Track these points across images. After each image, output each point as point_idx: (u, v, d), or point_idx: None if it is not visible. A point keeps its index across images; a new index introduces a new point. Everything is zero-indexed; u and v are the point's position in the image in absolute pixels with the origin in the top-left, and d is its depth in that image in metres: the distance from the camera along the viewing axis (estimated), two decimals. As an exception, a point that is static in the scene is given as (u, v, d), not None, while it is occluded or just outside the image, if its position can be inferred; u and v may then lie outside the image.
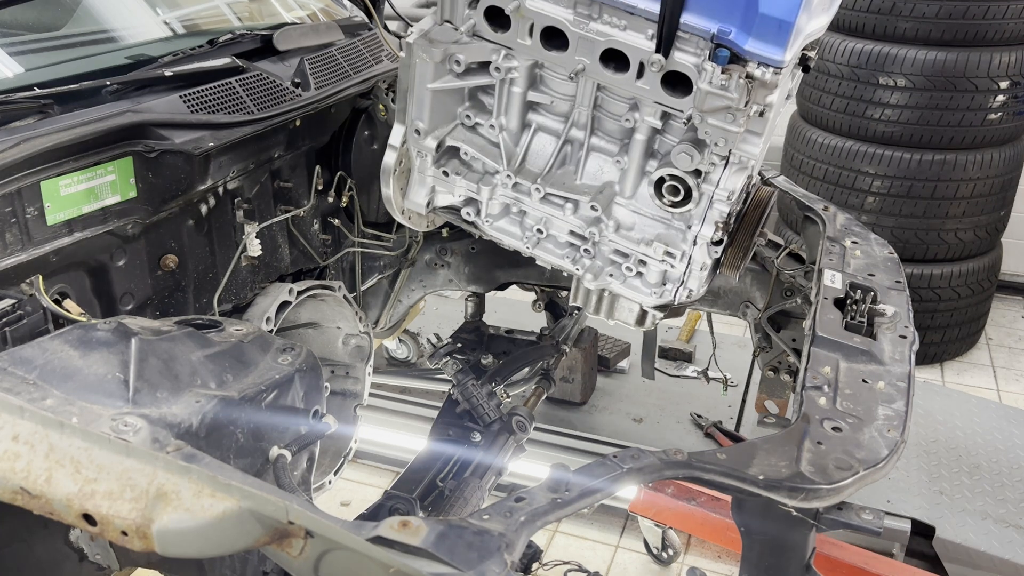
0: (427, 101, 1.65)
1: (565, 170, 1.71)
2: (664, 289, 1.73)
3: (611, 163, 1.68)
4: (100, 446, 1.10)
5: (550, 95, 1.65)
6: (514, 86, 1.64)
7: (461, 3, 1.60)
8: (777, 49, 1.41)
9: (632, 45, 1.49)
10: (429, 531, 1.06)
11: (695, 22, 1.43)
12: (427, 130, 1.68)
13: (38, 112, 1.58)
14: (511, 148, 1.69)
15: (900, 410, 1.53)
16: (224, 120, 1.81)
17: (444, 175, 1.73)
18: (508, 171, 1.68)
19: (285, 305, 2.02)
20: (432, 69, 1.61)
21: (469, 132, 1.72)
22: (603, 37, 1.50)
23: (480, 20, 1.58)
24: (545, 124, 1.69)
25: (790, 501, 1.32)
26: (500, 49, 1.60)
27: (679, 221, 1.67)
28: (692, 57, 1.46)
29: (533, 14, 1.53)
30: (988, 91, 3.84)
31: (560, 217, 1.70)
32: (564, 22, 1.52)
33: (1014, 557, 2.66)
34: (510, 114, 1.67)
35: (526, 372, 2.69)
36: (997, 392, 4.18)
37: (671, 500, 2.79)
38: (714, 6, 1.41)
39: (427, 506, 2.14)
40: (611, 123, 1.65)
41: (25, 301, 1.50)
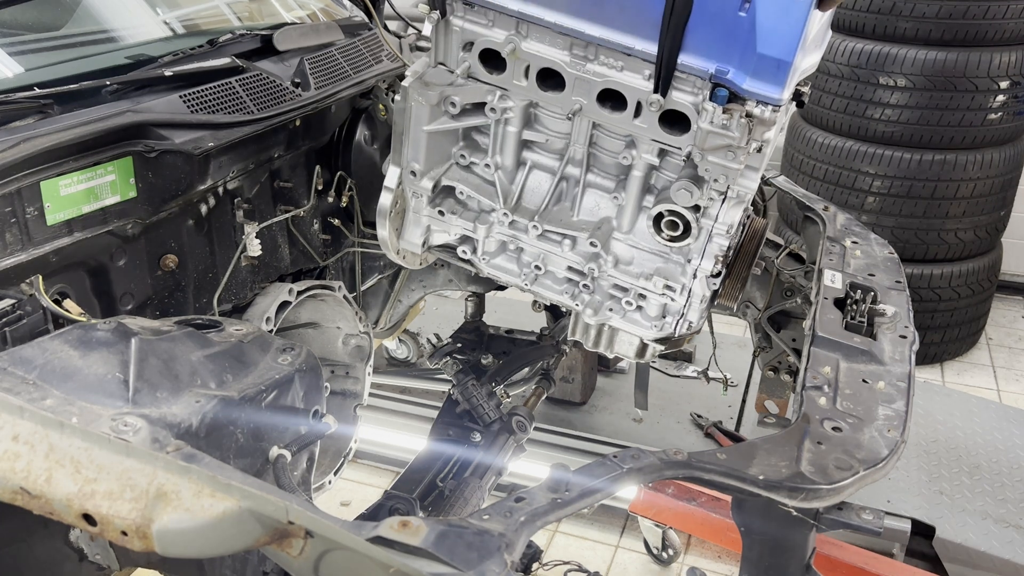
0: (422, 143, 1.65)
1: (561, 206, 1.70)
2: (664, 322, 1.73)
3: (608, 199, 1.67)
4: (100, 446, 1.10)
5: (545, 133, 1.65)
6: (509, 125, 1.64)
7: (456, 46, 1.60)
8: (776, 88, 1.41)
9: (630, 85, 1.49)
10: (429, 531, 1.06)
11: (693, 62, 1.44)
12: (423, 171, 1.68)
13: (38, 112, 1.58)
14: (507, 186, 1.69)
15: (900, 410, 1.53)
16: (224, 120, 1.81)
17: (440, 215, 1.73)
18: (504, 209, 1.68)
19: (285, 305, 2.02)
20: (427, 112, 1.61)
21: (464, 171, 1.71)
22: (600, 78, 1.51)
23: (475, 62, 1.58)
24: (540, 162, 1.69)
25: (790, 501, 1.32)
26: (495, 90, 1.60)
27: (678, 255, 1.67)
28: (690, 96, 1.47)
29: (529, 56, 1.53)
30: (988, 91, 3.84)
31: (558, 253, 1.70)
32: (560, 64, 1.52)
33: (1014, 557, 2.66)
34: (505, 153, 1.67)
35: (526, 372, 2.69)
36: (997, 392, 4.18)
37: (671, 500, 2.79)
38: (712, 47, 1.41)
39: (427, 506, 2.14)
40: (607, 159, 1.65)
41: (25, 301, 1.50)
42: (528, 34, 1.52)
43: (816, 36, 1.52)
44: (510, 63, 1.54)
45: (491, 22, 1.55)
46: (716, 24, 1.39)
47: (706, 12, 1.39)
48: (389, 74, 2.39)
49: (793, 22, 1.36)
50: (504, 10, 1.51)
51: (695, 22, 1.40)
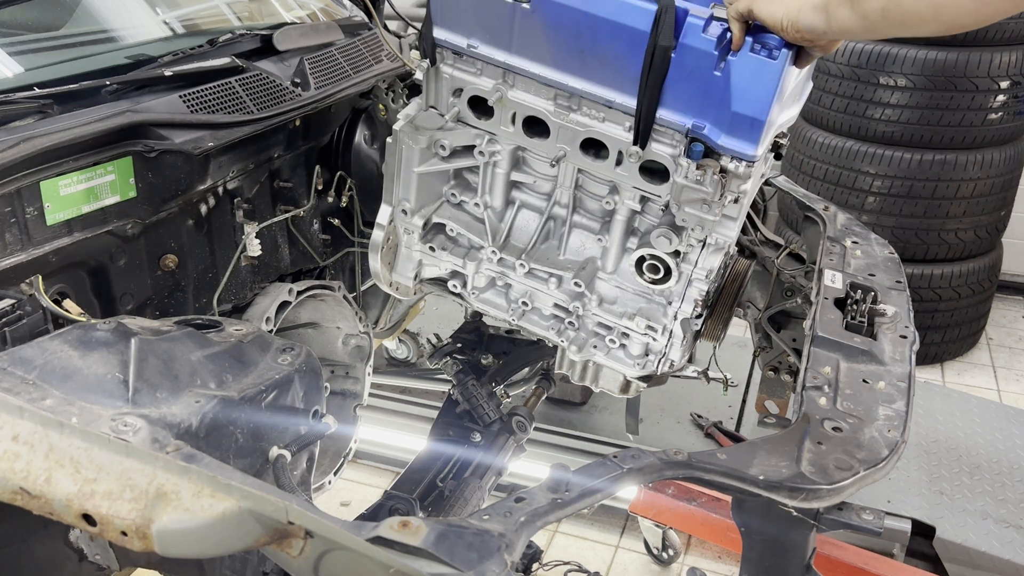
0: (413, 183, 1.70)
1: (549, 245, 1.75)
2: (647, 360, 1.76)
3: (593, 239, 1.72)
4: (100, 446, 1.10)
5: (533, 175, 1.69)
6: (498, 167, 1.69)
7: (446, 91, 1.65)
8: (750, 145, 1.46)
9: (611, 136, 1.55)
10: (429, 531, 1.06)
11: (670, 117, 1.48)
12: (414, 209, 1.73)
13: (38, 112, 1.58)
14: (496, 224, 1.74)
15: (900, 410, 1.53)
16: (224, 120, 1.81)
17: (431, 250, 1.77)
18: (493, 247, 1.72)
19: (285, 305, 2.02)
20: (418, 154, 1.66)
21: (455, 209, 1.76)
22: (583, 127, 1.56)
23: (464, 108, 1.63)
24: (528, 201, 1.73)
25: (790, 501, 1.32)
26: (484, 134, 1.65)
27: (660, 297, 1.70)
28: (668, 148, 1.51)
29: (515, 104, 1.59)
30: (988, 91, 3.84)
31: (544, 291, 1.74)
32: (545, 112, 1.57)
33: (1014, 557, 2.66)
34: (494, 193, 1.71)
35: (526, 372, 2.69)
36: (997, 392, 4.18)
37: (671, 500, 2.79)
38: (688, 103, 1.46)
39: (427, 506, 2.14)
40: (592, 203, 1.69)
41: (25, 301, 1.50)
42: (514, 83, 1.58)
43: (794, 90, 1.56)
44: (497, 110, 1.60)
45: (479, 71, 1.61)
46: (692, 82, 1.44)
47: (683, 70, 1.43)
48: (389, 74, 2.39)
49: (767, 83, 1.40)
50: (491, 61, 1.57)
51: (672, 79, 1.44)
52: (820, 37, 1.34)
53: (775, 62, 1.38)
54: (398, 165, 1.69)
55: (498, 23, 1.52)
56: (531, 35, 1.51)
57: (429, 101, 1.67)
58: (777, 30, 1.36)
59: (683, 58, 1.42)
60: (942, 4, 1.08)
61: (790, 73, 1.43)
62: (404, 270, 1.83)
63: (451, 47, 1.59)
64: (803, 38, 1.35)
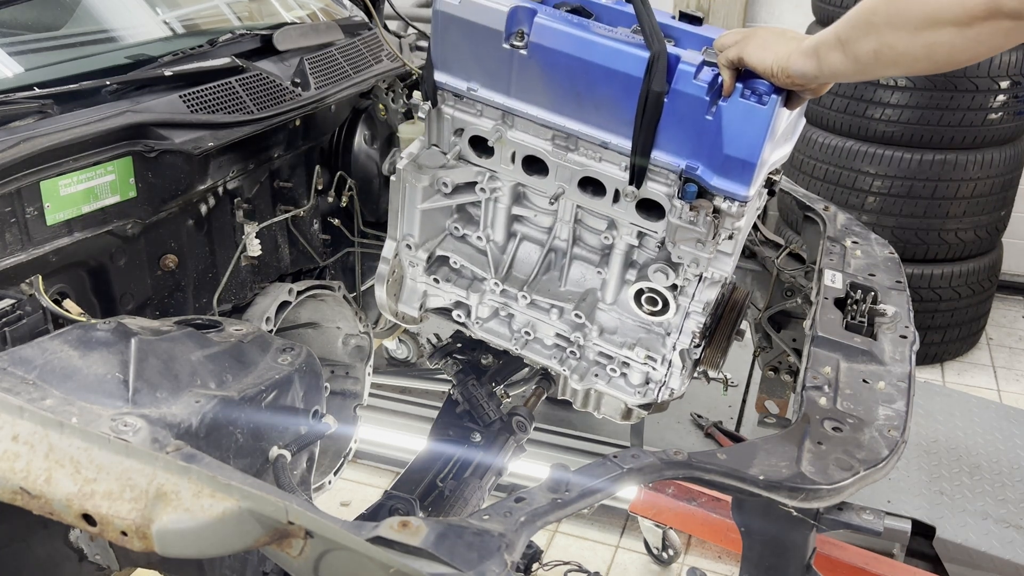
0: (417, 219, 1.74)
1: (550, 276, 1.78)
2: (647, 388, 1.79)
3: (593, 271, 1.75)
4: (100, 446, 1.10)
5: (534, 209, 1.73)
6: (499, 203, 1.73)
7: (447, 131, 1.69)
8: (742, 186, 1.49)
9: (607, 175, 1.59)
10: (429, 531, 1.06)
11: (664, 159, 1.52)
12: (418, 243, 1.77)
13: (38, 112, 1.58)
14: (498, 257, 1.78)
15: (900, 410, 1.53)
16: (224, 120, 1.81)
17: (435, 282, 1.82)
18: (496, 279, 1.76)
19: (285, 305, 2.02)
20: (422, 191, 1.71)
21: (458, 242, 1.81)
22: (580, 167, 1.60)
23: (465, 147, 1.68)
24: (529, 234, 1.77)
25: (790, 501, 1.32)
26: (485, 172, 1.69)
27: (659, 328, 1.74)
28: (663, 187, 1.55)
29: (514, 144, 1.63)
30: (988, 91, 3.84)
31: (546, 321, 1.78)
32: (544, 152, 1.61)
33: (1014, 557, 2.66)
34: (496, 227, 1.75)
35: (526, 372, 2.69)
36: (998, 392, 4.18)
37: (671, 500, 2.79)
38: (681, 145, 1.49)
39: (427, 506, 2.14)
40: (591, 236, 1.73)
41: (25, 301, 1.50)
42: (513, 124, 1.63)
43: (786, 130, 1.60)
44: (497, 149, 1.64)
45: (479, 112, 1.65)
46: (685, 125, 1.47)
47: (676, 114, 1.47)
48: (389, 74, 2.39)
49: (757, 127, 1.43)
50: (490, 103, 1.61)
51: (665, 123, 1.48)
52: (811, 81, 1.35)
53: (765, 108, 1.41)
54: (402, 202, 1.73)
55: (496, 68, 1.56)
56: (528, 79, 1.55)
57: (431, 140, 1.72)
58: (768, 76, 1.38)
59: (675, 103, 1.45)
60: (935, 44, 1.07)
61: (781, 116, 1.46)
62: (410, 301, 1.88)
63: (452, 90, 1.64)
64: (794, 83, 1.37)
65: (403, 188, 1.70)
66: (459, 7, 1.53)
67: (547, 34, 1.49)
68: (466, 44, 1.56)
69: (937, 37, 1.05)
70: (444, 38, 1.58)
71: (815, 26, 4.24)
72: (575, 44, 1.47)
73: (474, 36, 1.54)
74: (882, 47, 1.13)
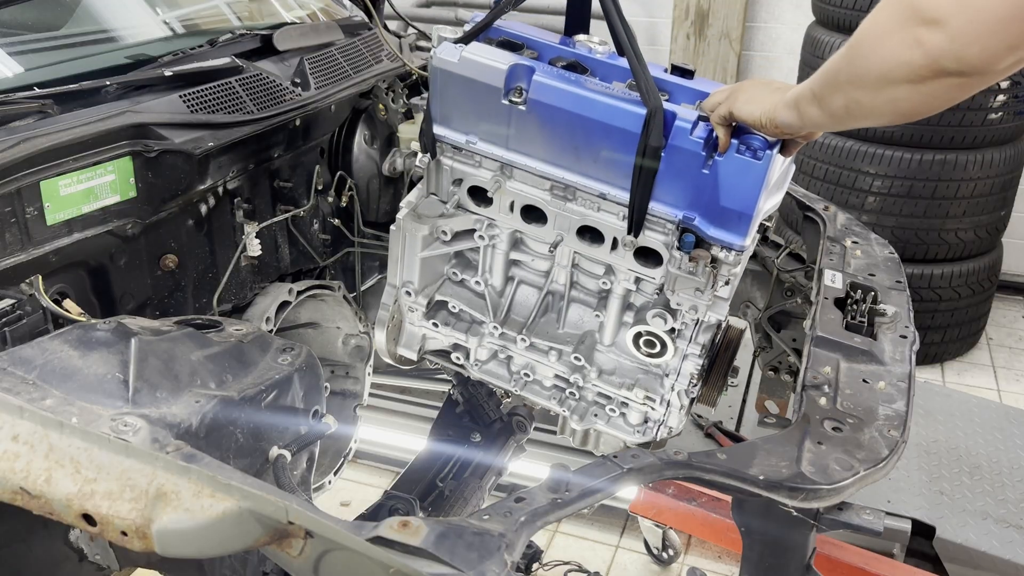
0: (417, 266, 1.76)
1: (548, 318, 1.80)
2: (646, 427, 1.81)
3: (591, 313, 1.77)
4: (100, 446, 1.10)
5: (531, 254, 1.75)
6: (497, 249, 1.74)
7: (446, 181, 1.71)
8: (738, 236, 1.53)
9: (606, 224, 1.61)
10: (429, 531, 1.06)
11: (662, 210, 1.55)
12: (418, 290, 1.79)
13: (38, 112, 1.58)
14: (496, 300, 1.79)
15: (900, 410, 1.53)
16: (224, 120, 1.81)
17: (434, 326, 1.83)
18: (494, 323, 1.78)
19: (285, 305, 2.02)
20: (421, 240, 1.72)
21: (456, 286, 1.82)
22: (579, 216, 1.62)
23: (464, 196, 1.70)
24: (527, 278, 1.79)
25: (790, 501, 1.32)
26: (483, 220, 1.71)
27: (657, 369, 1.76)
28: (661, 236, 1.58)
29: (513, 194, 1.65)
30: (988, 91, 3.83)
31: (545, 363, 1.79)
32: (542, 202, 1.64)
33: (1014, 557, 2.66)
34: (494, 272, 1.77)
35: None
36: (998, 392, 4.18)
37: (671, 500, 2.78)
38: (678, 197, 1.52)
39: (427, 506, 2.14)
40: (589, 280, 1.74)
41: (25, 301, 1.50)
42: (512, 175, 1.64)
43: (779, 179, 1.61)
44: (496, 198, 1.66)
45: (478, 163, 1.67)
46: (682, 179, 1.50)
47: (673, 168, 1.49)
48: (389, 74, 2.39)
49: (753, 181, 1.46)
50: (489, 156, 1.63)
51: (663, 175, 1.50)
52: (797, 131, 1.38)
53: (760, 163, 1.44)
54: (402, 250, 1.75)
55: (495, 122, 1.59)
56: (527, 133, 1.57)
57: (430, 189, 1.73)
58: (758, 128, 1.41)
59: (673, 157, 1.48)
60: (897, 99, 1.12)
61: (775, 166, 1.48)
62: (409, 345, 1.89)
63: (450, 143, 1.66)
64: (782, 133, 1.40)
65: (403, 237, 1.72)
66: (458, 65, 1.55)
67: (546, 91, 1.52)
68: (465, 99, 1.59)
69: (896, 94, 1.10)
70: (443, 93, 1.61)
71: (815, 26, 4.24)
72: (573, 101, 1.51)
73: (473, 92, 1.56)
74: (850, 103, 1.17)
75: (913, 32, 1.02)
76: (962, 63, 1.01)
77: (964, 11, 0.98)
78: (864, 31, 1.12)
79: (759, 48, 5.23)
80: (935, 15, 1.00)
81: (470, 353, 1.85)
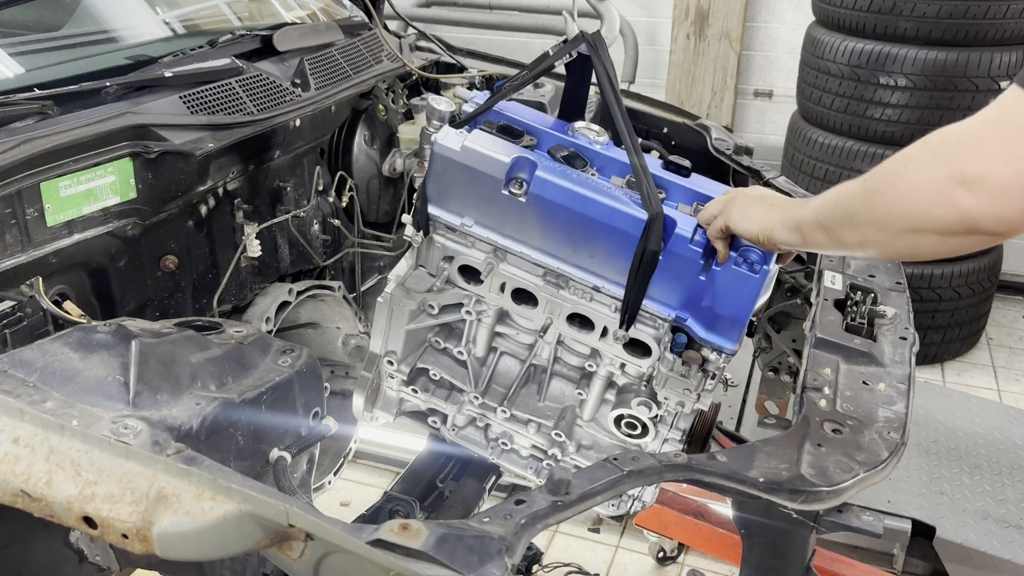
0: (402, 338, 1.75)
1: (528, 389, 1.79)
2: (620, 501, 1.80)
3: (572, 388, 1.76)
4: (100, 449, 1.10)
5: (516, 328, 1.74)
6: (483, 323, 1.73)
7: (437, 256, 1.70)
8: (730, 341, 1.54)
9: (597, 313, 1.62)
10: (429, 534, 1.06)
11: (655, 309, 1.57)
12: (400, 359, 1.78)
13: (38, 113, 1.58)
14: (478, 370, 1.78)
15: (900, 412, 1.53)
16: (224, 121, 1.81)
17: (414, 392, 1.82)
18: (475, 392, 1.76)
19: (285, 305, 2.02)
20: (408, 314, 1.71)
21: (438, 354, 1.80)
22: (570, 303, 1.63)
23: (454, 273, 1.69)
24: (511, 349, 1.78)
25: (790, 503, 1.32)
26: (471, 295, 1.70)
27: (636, 448, 1.74)
28: (651, 330, 1.60)
29: (505, 276, 1.64)
30: (989, 91, 3.83)
31: (524, 434, 1.78)
32: (534, 286, 1.63)
33: (1014, 557, 2.66)
34: (478, 344, 1.76)
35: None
36: (998, 392, 4.18)
37: (676, 514, 2.76)
38: (673, 298, 1.55)
39: (427, 507, 2.14)
40: (572, 357, 1.74)
41: (25, 303, 1.50)
42: (505, 258, 1.64)
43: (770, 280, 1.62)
44: (487, 279, 1.65)
45: (471, 244, 1.65)
46: (678, 282, 1.53)
47: (670, 271, 1.52)
48: (389, 74, 2.39)
49: (749, 292, 1.49)
50: (484, 239, 1.63)
51: (659, 277, 1.52)
52: (797, 250, 1.42)
53: (757, 276, 1.46)
54: (388, 322, 1.73)
55: (493, 210, 1.59)
56: (524, 223, 1.58)
57: (419, 261, 1.72)
58: (754, 243, 1.43)
59: (670, 261, 1.51)
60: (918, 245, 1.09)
61: (771, 275, 1.51)
62: (386, 408, 1.87)
63: (445, 223, 1.64)
64: (779, 248, 1.42)
65: (390, 310, 1.71)
66: (460, 153, 1.55)
67: (547, 187, 1.53)
68: (463, 185, 1.58)
69: (919, 240, 1.08)
70: (441, 177, 1.59)
71: (815, 26, 4.24)
72: (575, 199, 1.52)
73: (472, 179, 1.56)
74: (866, 240, 1.16)
75: (952, 190, 0.99)
76: (1000, 223, 0.98)
77: (1009, 170, 0.95)
78: (892, 176, 1.09)
79: (759, 48, 5.23)
80: (979, 173, 0.97)
81: (448, 419, 1.84)
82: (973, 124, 1.00)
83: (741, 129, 5.32)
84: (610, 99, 1.60)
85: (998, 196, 0.96)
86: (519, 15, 5.29)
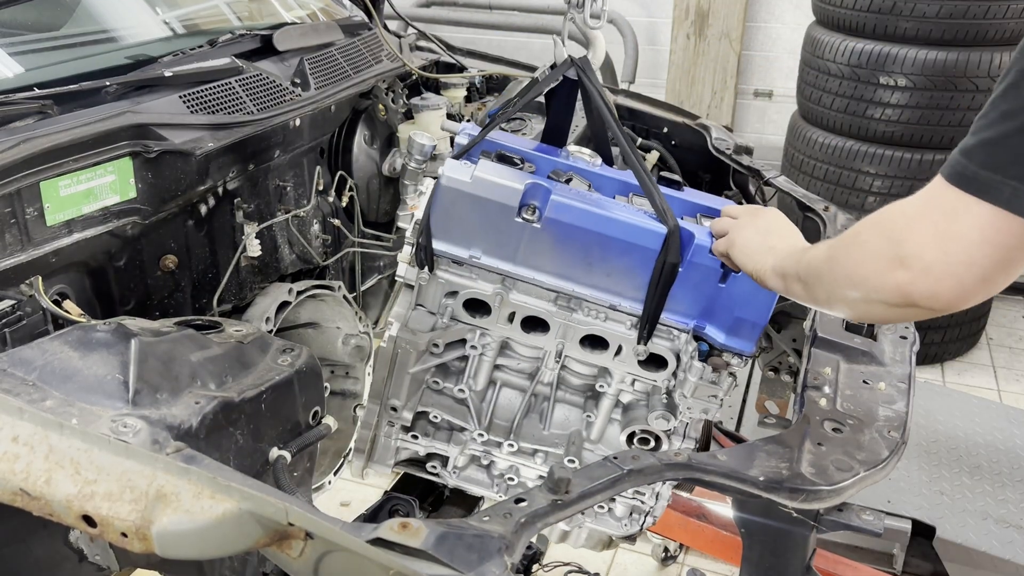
0: (406, 383, 1.71)
1: (531, 419, 1.76)
2: (631, 519, 1.79)
3: (577, 412, 1.75)
4: (100, 447, 1.10)
5: (517, 358, 1.72)
6: (485, 356, 1.70)
7: (439, 293, 1.65)
8: (748, 344, 1.58)
9: (612, 332, 1.62)
10: (429, 533, 1.06)
11: (674, 320, 1.59)
12: (403, 406, 1.74)
13: (38, 113, 1.57)
14: (479, 406, 1.75)
15: (901, 411, 1.53)
16: (224, 120, 1.81)
17: (414, 439, 1.78)
18: (479, 430, 1.73)
19: (285, 305, 2.02)
20: (414, 356, 1.68)
21: (437, 395, 1.76)
22: (584, 325, 1.62)
23: (458, 308, 1.65)
24: (511, 381, 1.75)
25: (791, 502, 1.32)
26: (476, 329, 1.67)
27: None
28: (667, 343, 1.61)
29: (515, 306, 1.62)
30: (989, 91, 3.81)
31: (530, 465, 1.76)
32: (546, 313, 1.62)
33: (1014, 557, 2.66)
34: (478, 378, 1.73)
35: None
36: (998, 392, 4.18)
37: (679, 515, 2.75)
38: (692, 308, 1.57)
39: (427, 507, 2.14)
40: (575, 378, 1.72)
41: (25, 302, 1.49)
42: (514, 287, 1.62)
43: None
44: (495, 310, 1.63)
45: (476, 276, 1.62)
46: (698, 292, 1.55)
47: (689, 282, 1.54)
48: (389, 74, 2.39)
49: (768, 293, 1.49)
50: (493, 270, 1.60)
51: (678, 288, 1.54)
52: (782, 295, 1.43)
53: None
54: (391, 368, 1.69)
55: (503, 239, 1.57)
56: (537, 249, 1.56)
57: (419, 300, 1.67)
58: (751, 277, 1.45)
59: (690, 272, 1.53)
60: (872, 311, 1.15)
61: None
62: (383, 459, 1.83)
63: (451, 257, 1.61)
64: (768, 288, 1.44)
65: (395, 354, 1.67)
66: (471, 184, 1.52)
67: (564, 211, 1.52)
68: (472, 216, 1.55)
69: (870, 308, 1.14)
70: (448, 211, 1.56)
71: (815, 26, 4.24)
72: (594, 220, 1.52)
73: (483, 210, 1.54)
74: (832, 298, 1.21)
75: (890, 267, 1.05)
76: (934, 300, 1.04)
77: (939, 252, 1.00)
78: (845, 247, 1.16)
79: (759, 48, 5.23)
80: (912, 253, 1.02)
81: (448, 461, 1.80)
82: (913, 203, 1.05)
83: (741, 129, 5.32)
84: (608, 120, 1.62)
85: (928, 275, 1.02)
86: (519, 15, 5.30)
